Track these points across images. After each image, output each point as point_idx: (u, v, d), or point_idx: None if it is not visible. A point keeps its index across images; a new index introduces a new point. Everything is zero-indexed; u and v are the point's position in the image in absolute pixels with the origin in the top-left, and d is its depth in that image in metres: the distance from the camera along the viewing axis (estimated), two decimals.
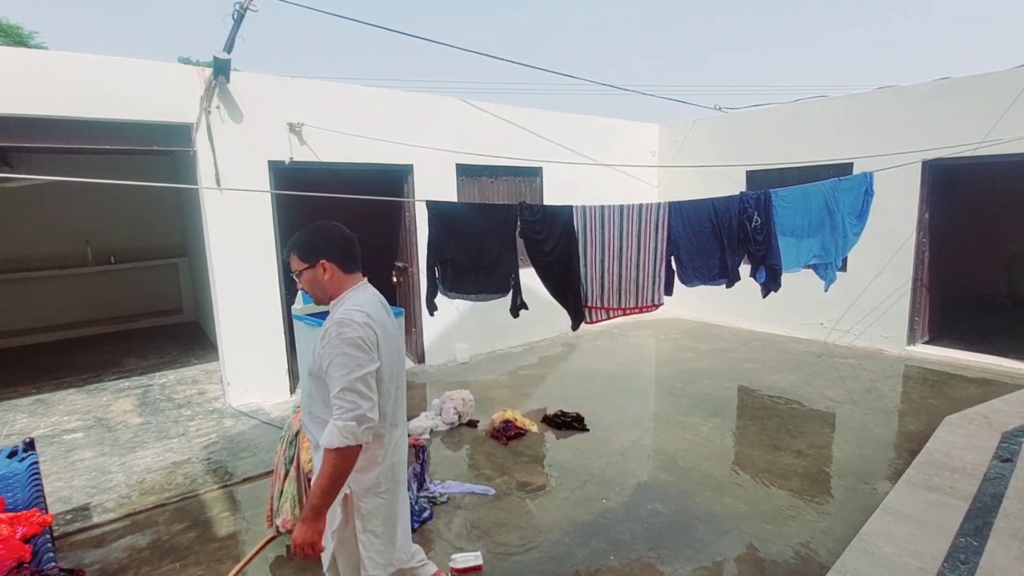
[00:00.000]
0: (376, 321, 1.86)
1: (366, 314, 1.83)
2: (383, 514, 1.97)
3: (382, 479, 1.95)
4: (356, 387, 1.74)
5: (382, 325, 1.90)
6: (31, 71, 4.12)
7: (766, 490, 3.54)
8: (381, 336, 1.86)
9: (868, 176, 4.18)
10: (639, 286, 3.78)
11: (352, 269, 1.99)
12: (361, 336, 1.77)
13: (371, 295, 1.98)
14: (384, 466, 1.95)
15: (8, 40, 12.83)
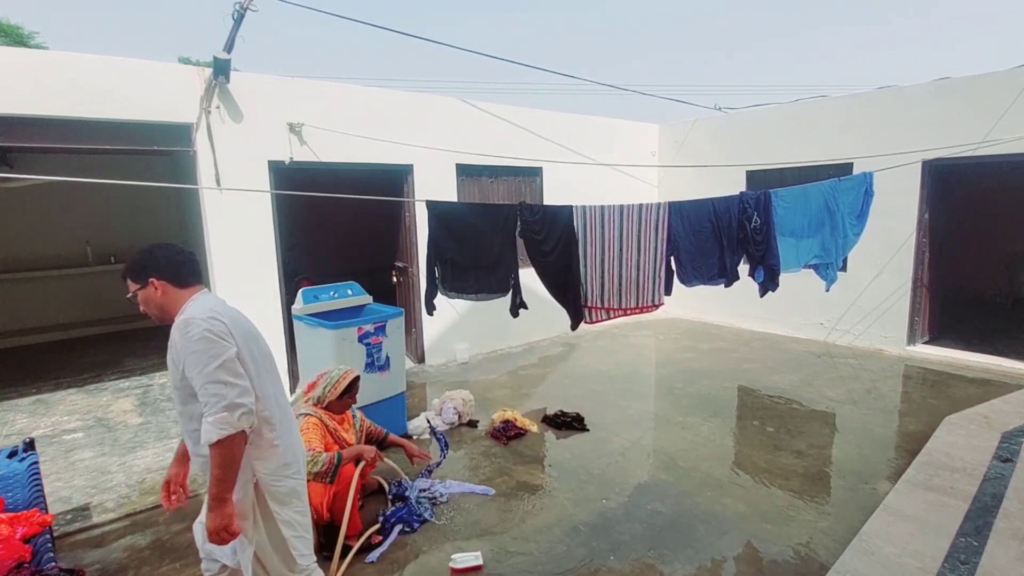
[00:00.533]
0: (222, 314, 1.88)
1: (209, 309, 1.86)
2: (302, 494, 2.05)
3: (289, 459, 2.00)
4: (218, 377, 1.75)
5: (230, 317, 1.90)
6: (31, 71, 4.12)
7: (766, 490, 3.54)
8: (232, 324, 1.87)
9: (868, 176, 4.18)
10: (639, 286, 3.78)
11: (187, 283, 1.98)
12: (207, 328, 1.79)
13: (212, 298, 2.00)
14: (284, 446, 1.98)
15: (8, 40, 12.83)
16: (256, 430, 1.87)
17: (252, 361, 1.90)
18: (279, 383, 2.08)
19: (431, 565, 2.88)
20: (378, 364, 4.24)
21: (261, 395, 1.90)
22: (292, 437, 2.06)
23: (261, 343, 2.01)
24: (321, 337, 4.11)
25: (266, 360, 2.00)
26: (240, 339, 1.87)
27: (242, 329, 1.91)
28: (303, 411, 3.05)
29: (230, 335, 1.83)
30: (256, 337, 1.99)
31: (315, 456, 2.78)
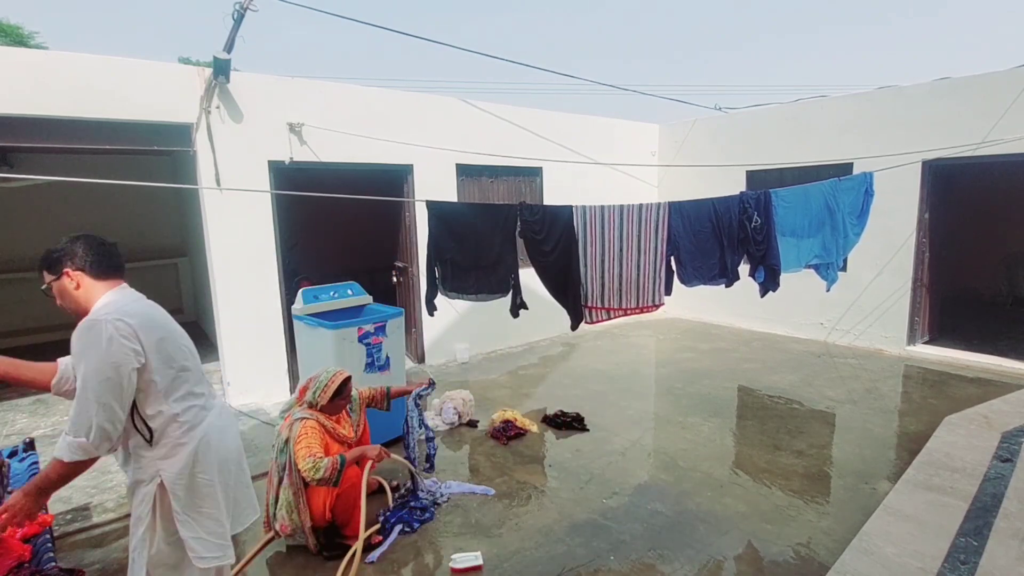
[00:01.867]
0: (132, 314, 1.80)
1: (117, 309, 1.78)
2: (210, 496, 1.91)
3: (198, 459, 1.88)
4: (96, 395, 1.69)
5: (141, 317, 1.83)
6: (31, 71, 4.12)
7: (766, 490, 3.54)
8: (140, 326, 1.79)
9: (868, 176, 4.18)
10: (639, 286, 3.78)
11: (104, 275, 1.89)
12: (110, 334, 1.71)
13: (127, 295, 1.92)
14: (194, 446, 1.88)
15: (8, 40, 12.83)
16: (161, 430, 1.83)
17: (164, 361, 1.84)
18: (200, 379, 2.01)
19: (431, 565, 2.88)
20: (378, 364, 4.24)
21: (170, 394, 1.85)
22: (210, 436, 1.93)
23: (179, 339, 1.95)
24: (321, 337, 4.11)
25: (183, 355, 1.93)
26: (149, 341, 1.80)
27: (153, 330, 1.84)
28: (298, 415, 2.99)
29: (135, 338, 1.76)
30: (172, 334, 1.92)
31: (316, 463, 2.75)
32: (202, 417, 1.94)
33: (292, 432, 2.91)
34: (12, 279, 7.66)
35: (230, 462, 2.02)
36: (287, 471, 2.89)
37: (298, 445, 2.83)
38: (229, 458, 2.02)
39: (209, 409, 1.99)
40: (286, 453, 2.90)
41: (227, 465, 2.00)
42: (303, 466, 2.76)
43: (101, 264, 1.89)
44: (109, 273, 1.91)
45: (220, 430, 2.00)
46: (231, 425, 2.12)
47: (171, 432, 1.86)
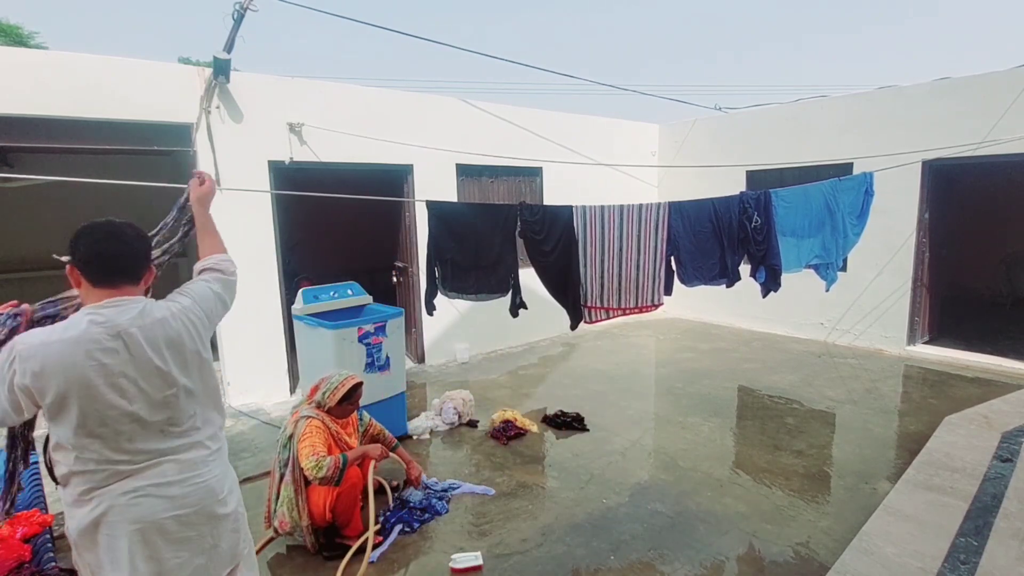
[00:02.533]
0: (54, 343, 1.45)
1: (55, 330, 1.49)
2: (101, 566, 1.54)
3: (99, 521, 1.52)
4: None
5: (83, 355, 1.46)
6: (31, 71, 4.12)
7: (766, 490, 3.54)
8: (48, 362, 1.43)
9: (868, 176, 4.18)
10: (639, 286, 3.78)
11: (103, 281, 1.56)
12: (12, 358, 1.44)
13: (77, 324, 1.50)
14: (90, 514, 1.51)
15: (8, 40, 12.83)
16: (64, 480, 1.54)
17: (67, 422, 1.47)
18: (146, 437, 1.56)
19: (431, 565, 2.88)
20: (378, 364, 4.24)
21: (72, 445, 1.49)
22: (117, 501, 1.52)
23: (108, 397, 1.49)
24: (321, 337, 4.11)
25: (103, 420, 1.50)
26: (53, 380, 1.44)
27: (59, 378, 1.44)
28: (305, 413, 3.02)
29: (23, 364, 1.43)
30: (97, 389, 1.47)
31: (319, 461, 2.76)
32: (111, 486, 1.52)
33: (297, 429, 2.92)
34: (12, 279, 7.66)
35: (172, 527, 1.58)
36: (289, 467, 2.89)
37: (302, 443, 2.85)
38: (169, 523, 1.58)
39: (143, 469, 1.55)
40: (289, 449, 2.91)
41: (165, 530, 1.57)
42: (306, 464, 2.78)
43: (98, 268, 1.57)
44: (108, 279, 1.57)
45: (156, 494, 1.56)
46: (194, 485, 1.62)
47: (72, 484, 1.53)
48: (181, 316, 1.65)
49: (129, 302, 1.57)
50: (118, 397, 1.50)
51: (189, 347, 1.64)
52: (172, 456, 1.60)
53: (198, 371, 1.67)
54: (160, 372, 1.56)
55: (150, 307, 1.60)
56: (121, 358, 1.50)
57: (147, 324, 1.56)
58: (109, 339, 1.49)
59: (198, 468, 1.63)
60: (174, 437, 1.61)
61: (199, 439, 1.66)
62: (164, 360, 1.57)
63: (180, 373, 1.61)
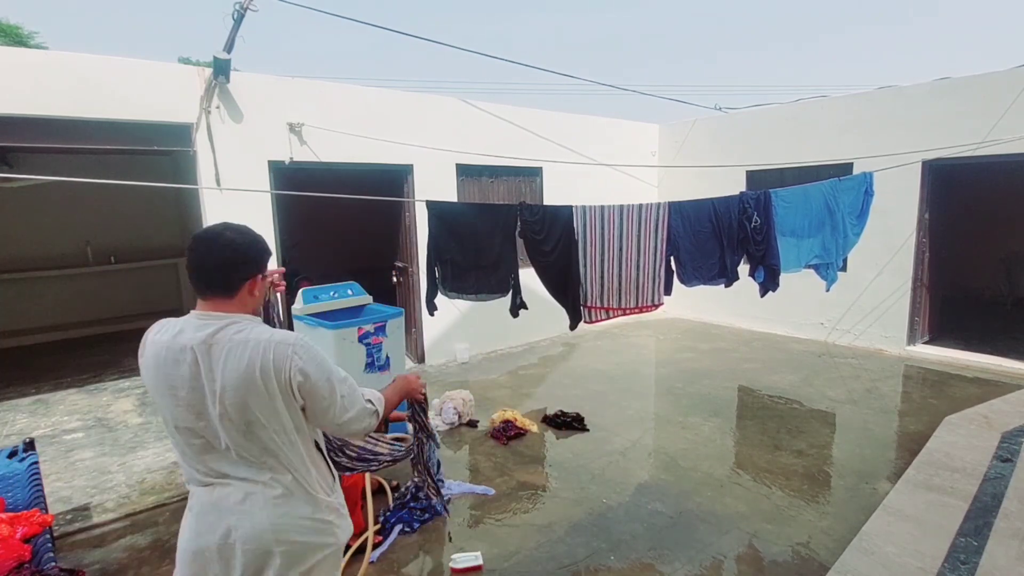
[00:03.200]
0: (151, 357, 1.49)
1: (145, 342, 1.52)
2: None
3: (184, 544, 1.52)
4: None
5: (162, 360, 1.46)
6: (31, 71, 4.12)
7: (766, 490, 3.54)
8: (144, 363, 1.51)
9: (868, 176, 4.18)
10: (639, 286, 3.78)
11: (199, 293, 1.53)
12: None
13: (168, 328, 1.52)
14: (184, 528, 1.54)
15: (8, 40, 12.83)
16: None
17: (173, 425, 1.50)
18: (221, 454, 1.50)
19: (431, 565, 2.88)
20: (378, 364, 4.24)
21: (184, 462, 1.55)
22: (201, 521, 1.50)
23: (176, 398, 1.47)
24: (321, 337, 4.11)
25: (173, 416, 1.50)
26: (146, 375, 1.51)
27: (149, 372, 1.50)
28: None
29: (141, 351, 1.52)
30: (167, 388, 1.47)
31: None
32: (210, 506, 1.50)
33: None
34: (12, 279, 7.66)
35: (187, 555, 1.52)
36: None
37: None
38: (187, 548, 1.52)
39: (227, 499, 1.49)
40: None
41: (183, 553, 1.52)
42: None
43: (195, 279, 1.53)
44: (201, 291, 1.53)
45: (200, 515, 1.51)
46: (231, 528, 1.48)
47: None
48: (272, 351, 1.44)
49: (214, 319, 1.48)
50: (176, 407, 1.46)
51: (255, 384, 1.42)
52: (221, 480, 1.50)
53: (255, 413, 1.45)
54: (212, 396, 1.43)
55: (238, 327, 1.47)
56: (186, 371, 1.44)
57: (221, 344, 1.44)
58: (180, 351, 1.44)
59: (221, 507, 1.48)
60: (225, 464, 1.50)
61: (239, 477, 1.50)
62: (220, 387, 1.42)
63: (231, 405, 1.43)
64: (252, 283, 1.59)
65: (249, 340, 1.45)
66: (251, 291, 1.59)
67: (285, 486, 1.50)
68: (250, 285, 1.58)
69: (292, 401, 1.48)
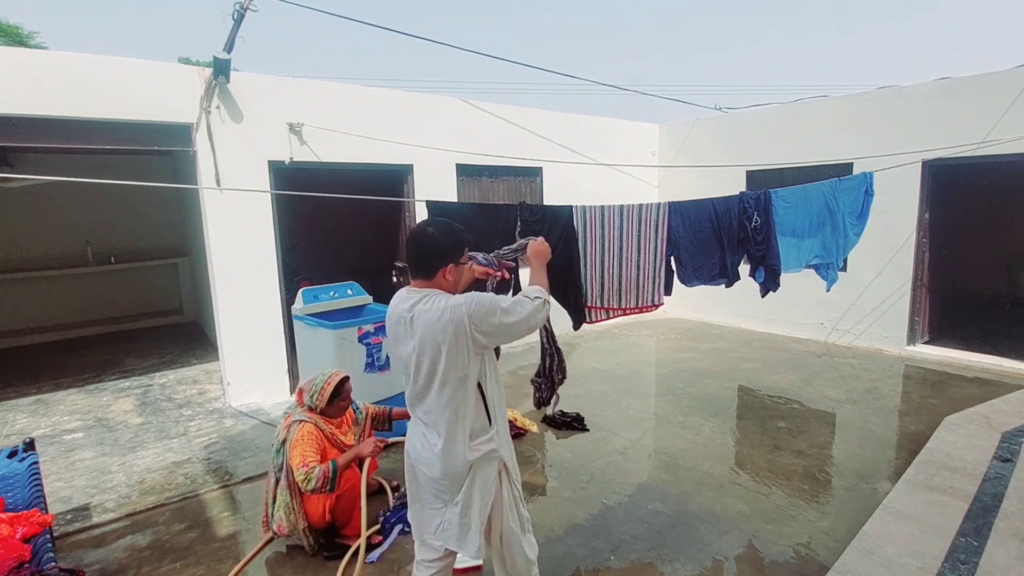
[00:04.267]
0: (387, 314, 2.07)
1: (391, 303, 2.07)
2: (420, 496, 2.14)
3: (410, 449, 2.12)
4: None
5: (388, 316, 2.05)
6: (31, 71, 4.12)
7: (767, 490, 3.54)
8: (387, 324, 2.07)
9: (868, 176, 4.18)
10: (639, 286, 3.78)
11: (411, 274, 2.04)
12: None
13: (397, 296, 2.05)
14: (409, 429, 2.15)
15: (8, 40, 12.83)
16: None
17: (398, 366, 2.10)
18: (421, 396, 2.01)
19: None
20: (378, 364, 4.24)
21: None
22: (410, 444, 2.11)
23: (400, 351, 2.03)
24: (321, 337, 4.12)
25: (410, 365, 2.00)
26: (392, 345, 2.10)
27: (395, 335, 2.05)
28: (297, 418, 2.96)
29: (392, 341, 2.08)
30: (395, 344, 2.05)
31: (308, 474, 2.68)
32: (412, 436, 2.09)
33: (290, 435, 2.88)
34: (12, 279, 7.66)
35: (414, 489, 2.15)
36: (283, 472, 2.88)
37: (293, 451, 2.79)
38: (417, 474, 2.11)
39: (421, 435, 2.04)
40: (283, 454, 2.89)
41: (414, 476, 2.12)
42: (296, 476, 2.72)
43: (408, 264, 2.04)
44: (411, 273, 2.02)
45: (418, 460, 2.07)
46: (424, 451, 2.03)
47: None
48: (444, 312, 1.87)
49: (417, 293, 1.96)
50: (394, 352, 2.07)
51: (435, 338, 1.87)
52: (417, 415, 2.05)
53: (442, 360, 1.89)
54: (415, 349, 1.92)
55: (431, 299, 1.91)
56: (401, 331, 1.97)
57: (420, 311, 1.90)
58: (398, 316, 1.97)
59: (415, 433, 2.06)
60: (419, 403, 2.01)
61: (423, 411, 2.01)
62: (421, 342, 1.90)
63: (427, 356, 1.90)
64: (446, 269, 1.97)
65: (434, 308, 1.88)
66: (445, 275, 1.97)
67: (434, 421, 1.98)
68: (444, 271, 1.97)
69: (470, 345, 1.88)
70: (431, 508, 2.10)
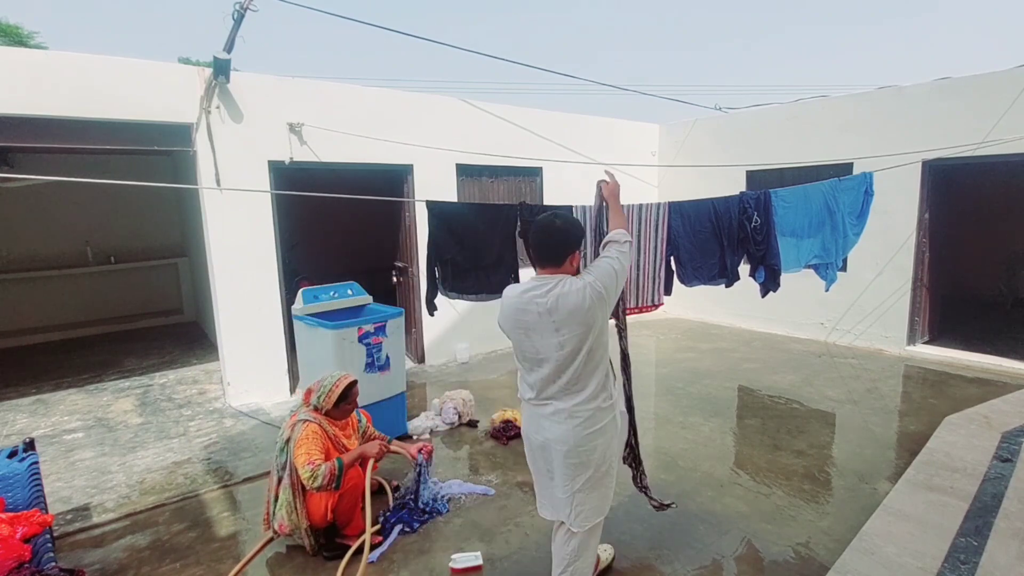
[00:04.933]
0: (504, 304, 2.21)
1: (504, 295, 2.23)
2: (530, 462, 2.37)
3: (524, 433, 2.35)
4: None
5: (510, 309, 2.18)
6: (31, 71, 4.12)
7: (766, 490, 3.54)
8: (504, 316, 2.21)
9: (868, 176, 4.18)
10: (639, 286, 3.78)
11: (537, 263, 2.20)
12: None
13: (522, 287, 2.19)
14: (523, 428, 2.35)
15: (8, 40, 12.83)
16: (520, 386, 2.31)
17: (520, 354, 2.22)
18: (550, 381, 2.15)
19: (431, 565, 2.88)
20: (378, 364, 4.24)
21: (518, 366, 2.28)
22: (530, 426, 2.29)
23: (524, 337, 2.15)
24: (321, 337, 4.11)
25: (522, 351, 2.20)
26: (504, 325, 2.22)
27: (506, 319, 2.20)
28: (303, 417, 2.97)
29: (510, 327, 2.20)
30: (517, 330, 2.17)
31: (313, 471, 2.70)
32: (536, 417, 2.23)
33: (294, 433, 2.90)
34: (12, 279, 7.66)
35: (538, 455, 2.29)
36: (287, 471, 2.88)
37: (298, 449, 2.81)
38: (537, 452, 2.28)
39: (550, 417, 2.17)
40: (286, 453, 2.90)
41: (535, 455, 2.30)
42: (302, 474, 2.74)
43: (534, 254, 2.21)
44: (538, 262, 2.19)
45: (536, 426, 2.24)
46: (556, 428, 2.17)
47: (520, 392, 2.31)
48: (584, 291, 2.05)
49: (548, 279, 2.12)
50: (527, 343, 2.14)
51: (584, 317, 2.05)
52: (552, 401, 2.16)
53: (591, 334, 2.09)
54: (557, 331, 2.06)
55: (563, 284, 2.08)
56: (532, 318, 2.09)
57: (555, 296, 2.05)
58: (527, 303, 2.10)
59: (565, 415, 2.15)
60: (555, 382, 2.13)
61: (563, 384, 2.13)
62: (567, 322, 2.05)
63: (575, 334, 2.06)
64: (573, 256, 2.18)
65: (574, 291, 2.06)
66: (572, 262, 2.18)
67: (585, 396, 2.15)
68: (571, 258, 2.17)
69: (607, 312, 2.13)
70: (565, 478, 2.22)
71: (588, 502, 2.23)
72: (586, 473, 2.18)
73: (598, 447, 2.18)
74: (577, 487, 2.19)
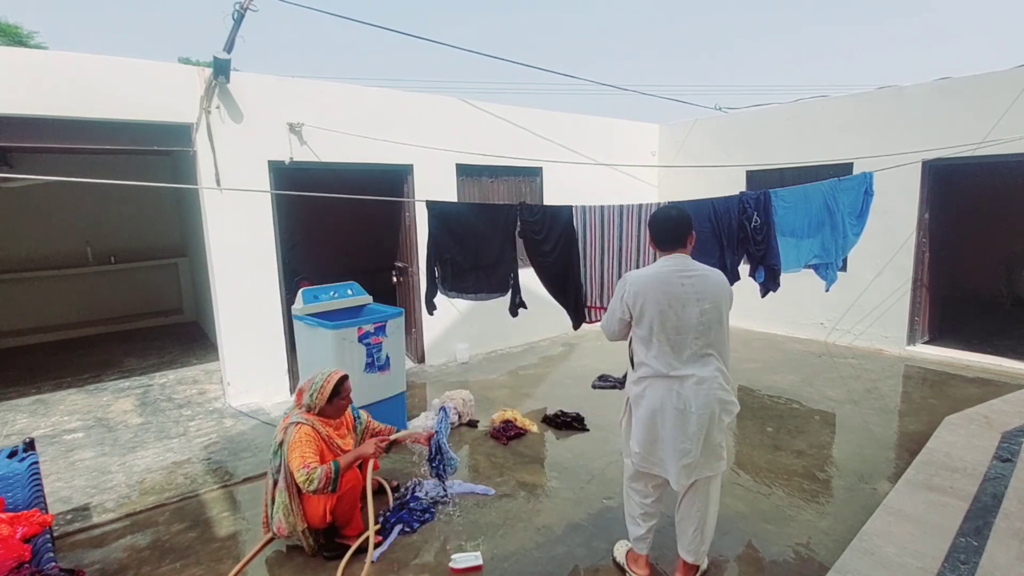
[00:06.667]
0: (638, 279, 2.44)
1: (635, 277, 2.46)
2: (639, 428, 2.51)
3: (632, 397, 2.54)
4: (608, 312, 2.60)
5: (642, 282, 2.41)
6: (31, 71, 4.12)
7: (766, 490, 3.54)
8: (634, 290, 2.41)
9: (868, 176, 4.18)
10: None
11: (664, 247, 2.50)
12: (622, 282, 2.50)
13: (662, 263, 2.47)
14: (635, 392, 2.51)
15: (7, 40, 12.83)
16: (636, 364, 2.50)
17: (653, 327, 2.38)
18: (678, 352, 2.38)
19: (431, 565, 2.88)
20: (378, 364, 4.24)
21: (645, 345, 2.44)
22: (650, 395, 2.44)
23: (667, 314, 2.36)
24: (321, 337, 4.11)
25: (661, 326, 2.37)
26: (635, 303, 2.40)
27: (639, 295, 2.40)
28: (295, 419, 2.94)
29: (626, 295, 2.44)
30: (659, 306, 2.37)
31: (309, 474, 2.67)
32: (655, 388, 2.42)
33: (287, 436, 2.87)
34: (12, 279, 7.66)
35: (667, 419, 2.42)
36: (282, 474, 2.87)
37: (292, 452, 2.78)
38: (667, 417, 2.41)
39: (672, 388, 2.38)
40: (280, 456, 2.88)
41: (663, 419, 2.42)
42: (297, 477, 2.71)
43: (661, 238, 2.51)
44: (667, 246, 2.49)
45: (659, 406, 2.41)
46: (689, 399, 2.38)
47: (635, 371, 2.52)
48: (724, 280, 2.49)
49: (682, 259, 2.47)
50: (668, 311, 2.36)
51: (722, 297, 2.43)
52: (690, 370, 2.38)
53: (725, 307, 2.45)
54: (700, 301, 2.37)
55: (704, 268, 2.47)
56: (676, 289, 2.38)
57: (700, 275, 2.42)
58: (667, 277, 2.41)
59: (705, 382, 2.38)
60: (695, 356, 2.38)
61: (698, 348, 2.39)
62: (714, 294, 2.40)
63: (719, 306, 2.41)
64: (690, 238, 2.53)
65: (714, 274, 2.48)
66: (691, 243, 2.53)
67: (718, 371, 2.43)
68: (689, 239, 2.52)
69: (729, 308, 2.50)
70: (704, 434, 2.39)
71: (723, 445, 2.50)
72: (723, 424, 2.46)
73: (728, 405, 2.46)
74: (717, 441, 2.45)
